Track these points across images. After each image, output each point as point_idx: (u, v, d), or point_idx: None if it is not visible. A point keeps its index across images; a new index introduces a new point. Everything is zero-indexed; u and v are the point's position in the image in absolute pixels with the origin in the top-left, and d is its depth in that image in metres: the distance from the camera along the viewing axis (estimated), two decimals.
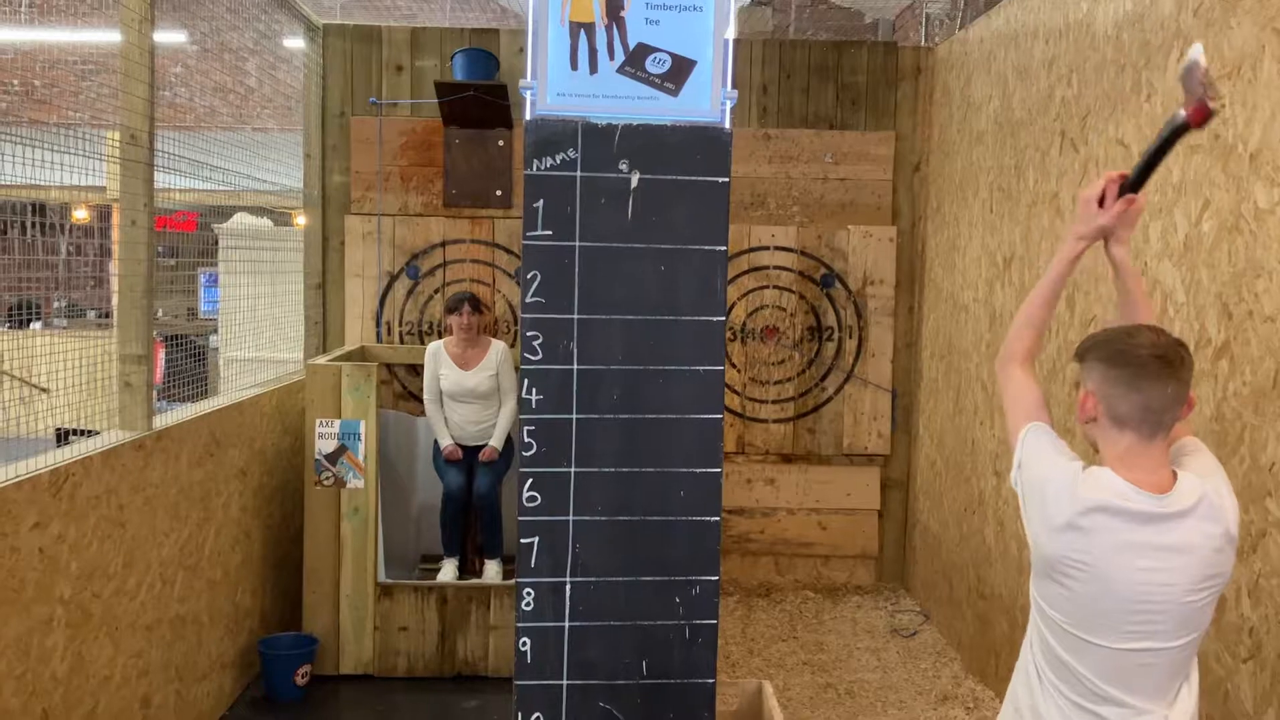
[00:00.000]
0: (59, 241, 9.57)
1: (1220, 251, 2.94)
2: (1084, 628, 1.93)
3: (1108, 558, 1.88)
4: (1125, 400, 1.91)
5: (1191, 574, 1.89)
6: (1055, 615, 1.97)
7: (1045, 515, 1.95)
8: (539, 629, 2.50)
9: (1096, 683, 1.93)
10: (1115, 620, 1.90)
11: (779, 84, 5.98)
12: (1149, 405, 1.90)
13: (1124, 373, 1.91)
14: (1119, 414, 1.93)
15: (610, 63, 2.44)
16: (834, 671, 4.91)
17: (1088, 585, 1.90)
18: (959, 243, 5.33)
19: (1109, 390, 1.93)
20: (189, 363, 4.74)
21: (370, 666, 4.73)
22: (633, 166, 2.50)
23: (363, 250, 5.83)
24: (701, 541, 2.55)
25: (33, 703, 2.87)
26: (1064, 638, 1.96)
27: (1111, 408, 1.93)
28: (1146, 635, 1.90)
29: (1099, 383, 1.95)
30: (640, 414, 2.53)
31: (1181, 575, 1.88)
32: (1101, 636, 1.91)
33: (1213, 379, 2.95)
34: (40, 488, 2.90)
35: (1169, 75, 3.25)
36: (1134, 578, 1.88)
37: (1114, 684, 1.92)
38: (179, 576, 3.81)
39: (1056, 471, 1.97)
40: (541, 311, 2.51)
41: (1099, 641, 1.92)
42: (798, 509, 6.11)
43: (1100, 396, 1.95)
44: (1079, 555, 1.90)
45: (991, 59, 4.93)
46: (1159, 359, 1.90)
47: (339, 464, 4.67)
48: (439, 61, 5.81)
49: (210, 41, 5.73)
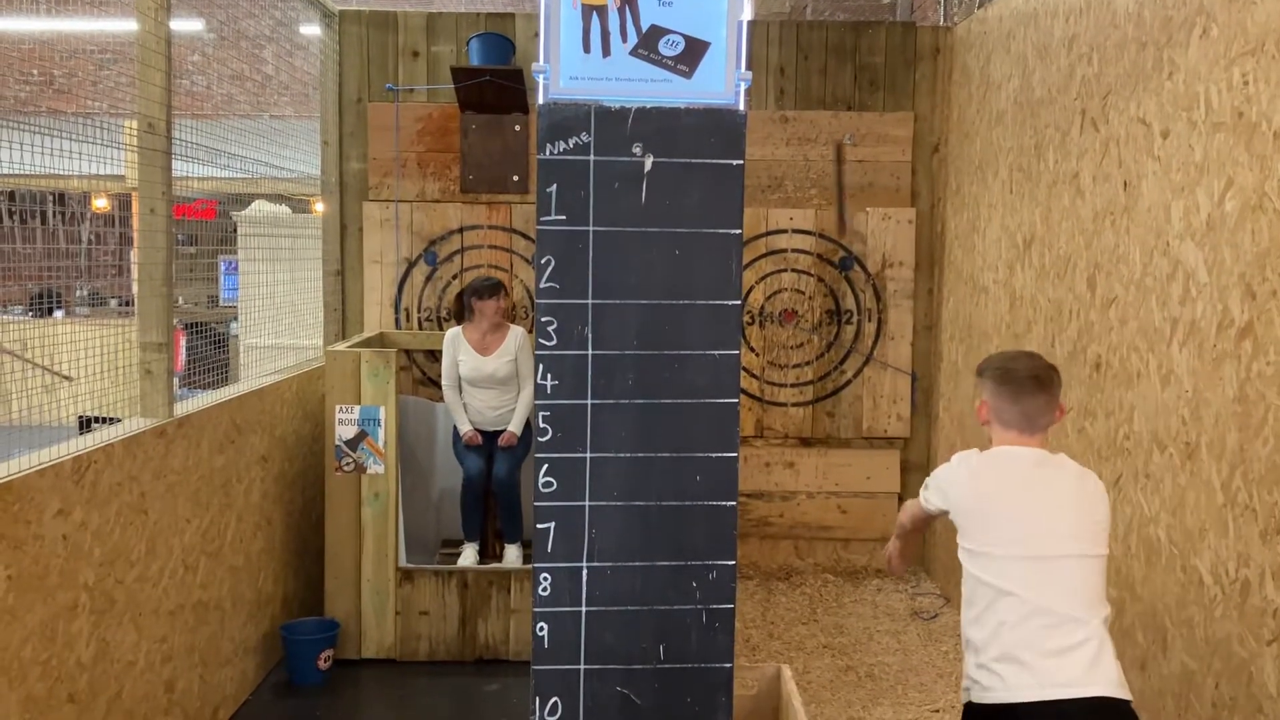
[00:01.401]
0: (80, 230, 9.63)
1: (1244, 231, 2.91)
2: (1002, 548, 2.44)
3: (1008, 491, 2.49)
4: (1009, 410, 2.53)
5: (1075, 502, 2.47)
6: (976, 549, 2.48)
7: (954, 481, 2.59)
8: (556, 614, 2.50)
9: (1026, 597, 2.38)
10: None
11: (796, 65, 5.94)
12: (1025, 412, 2.51)
13: (1007, 389, 2.52)
14: (1004, 419, 2.54)
15: (623, 45, 2.42)
16: (854, 654, 4.91)
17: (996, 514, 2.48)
18: (979, 224, 5.30)
19: (997, 402, 2.55)
20: (210, 350, 4.76)
21: (392, 651, 4.76)
22: (646, 150, 2.48)
23: (381, 237, 5.84)
24: (718, 526, 2.54)
25: (59, 688, 2.90)
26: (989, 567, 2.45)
27: (999, 414, 2.55)
28: None
29: (990, 395, 2.57)
30: (655, 399, 2.52)
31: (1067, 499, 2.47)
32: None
33: (1236, 360, 2.92)
34: (63, 475, 2.92)
35: (1191, 53, 3.21)
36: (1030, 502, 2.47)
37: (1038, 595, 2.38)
38: (201, 563, 3.84)
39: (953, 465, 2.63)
40: (556, 297, 2.50)
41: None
42: (817, 492, 6.10)
43: (991, 406, 2.57)
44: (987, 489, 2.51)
45: (1011, 38, 4.88)
46: (1034, 379, 2.52)
47: (359, 450, 4.69)
48: (455, 47, 5.80)
49: (227, 29, 5.74)
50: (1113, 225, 3.73)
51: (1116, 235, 3.70)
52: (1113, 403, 3.68)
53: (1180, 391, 3.21)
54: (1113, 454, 3.66)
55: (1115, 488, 3.63)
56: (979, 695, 2.40)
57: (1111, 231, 3.74)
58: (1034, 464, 2.50)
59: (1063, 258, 4.16)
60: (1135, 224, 3.56)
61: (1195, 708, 3.07)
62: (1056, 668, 2.32)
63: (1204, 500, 3.07)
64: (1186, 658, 3.13)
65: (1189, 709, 3.10)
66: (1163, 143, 3.38)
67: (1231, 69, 2.98)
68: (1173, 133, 3.32)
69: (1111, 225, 3.74)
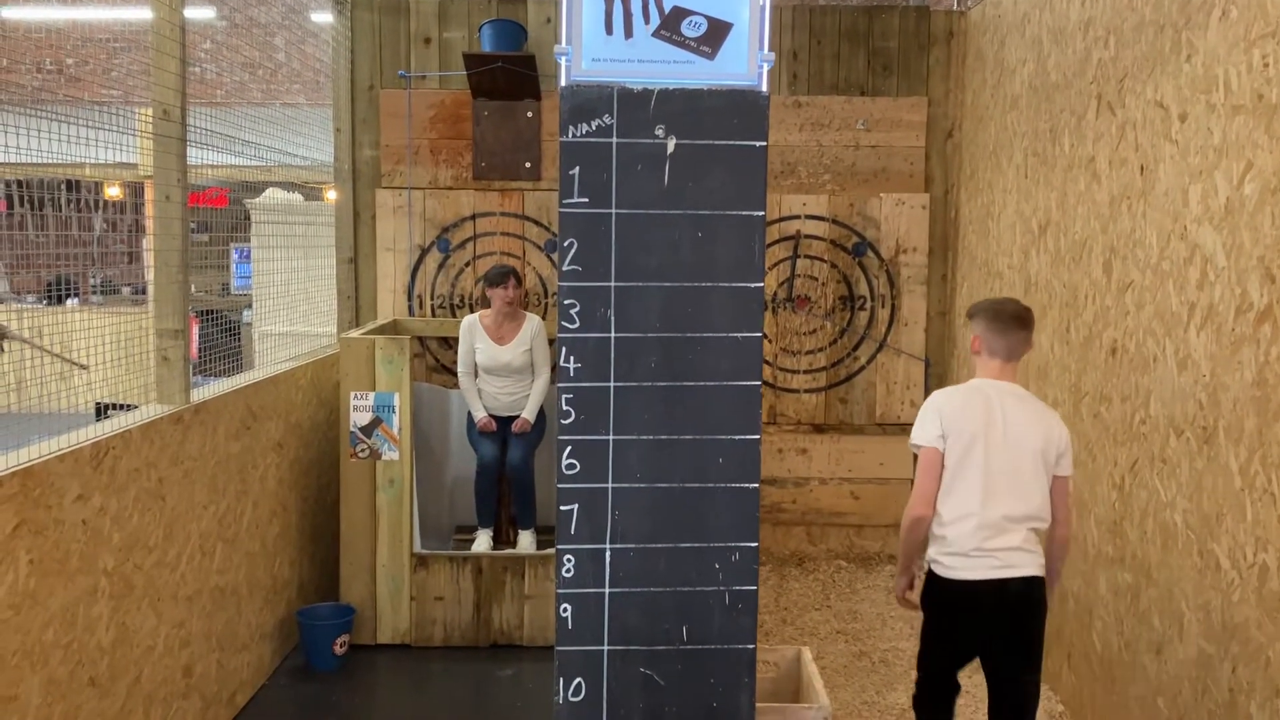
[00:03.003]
0: (94, 219, 9.65)
1: (1263, 215, 2.89)
2: None
3: None
4: (997, 341, 3.15)
5: None
6: None
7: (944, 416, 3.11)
8: (580, 595, 2.51)
9: None
10: None
11: (809, 50, 5.91)
12: (1010, 345, 3.15)
13: (998, 324, 3.15)
14: (993, 348, 3.16)
15: (645, 27, 2.41)
16: (868, 640, 4.92)
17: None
18: (993, 209, 5.28)
19: (988, 335, 3.16)
20: (223, 338, 4.78)
21: (407, 636, 4.79)
22: (669, 132, 2.47)
23: (393, 224, 5.84)
24: (740, 508, 2.55)
25: (80, 671, 2.93)
26: None
27: (988, 345, 3.16)
28: None
29: (983, 330, 3.17)
30: (678, 381, 2.52)
31: None
32: None
33: (1254, 344, 2.91)
34: (82, 461, 2.94)
35: (1210, 35, 3.19)
36: None
37: None
38: (218, 548, 3.86)
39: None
40: (578, 279, 2.50)
41: None
42: (830, 479, 6.10)
43: (983, 339, 3.17)
44: None
45: (1026, 22, 4.85)
46: (1018, 317, 3.16)
47: (374, 436, 4.71)
48: (467, 33, 5.79)
49: (239, 16, 5.74)
50: (1129, 209, 3.71)
51: (1133, 219, 3.68)
52: (1129, 387, 3.67)
53: (1197, 376, 3.20)
54: (1129, 439, 3.65)
55: (1131, 472, 3.62)
56: None
57: (1128, 216, 3.72)
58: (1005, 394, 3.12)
59: (1078, 242, 4.15)
60: (1152, 208, 3.54)
61: (1212, 692, 3.07)
62: None
63: (1221, 484, 3.06)
64: (1204, 642, 3.12)
65: (1206, 693, 3.10)
66: (1180, 126, 3.36)
67: (1251, 51, 2.96)
68: (1191, 116, 3.30)
69: (1128, 209, 3.72)
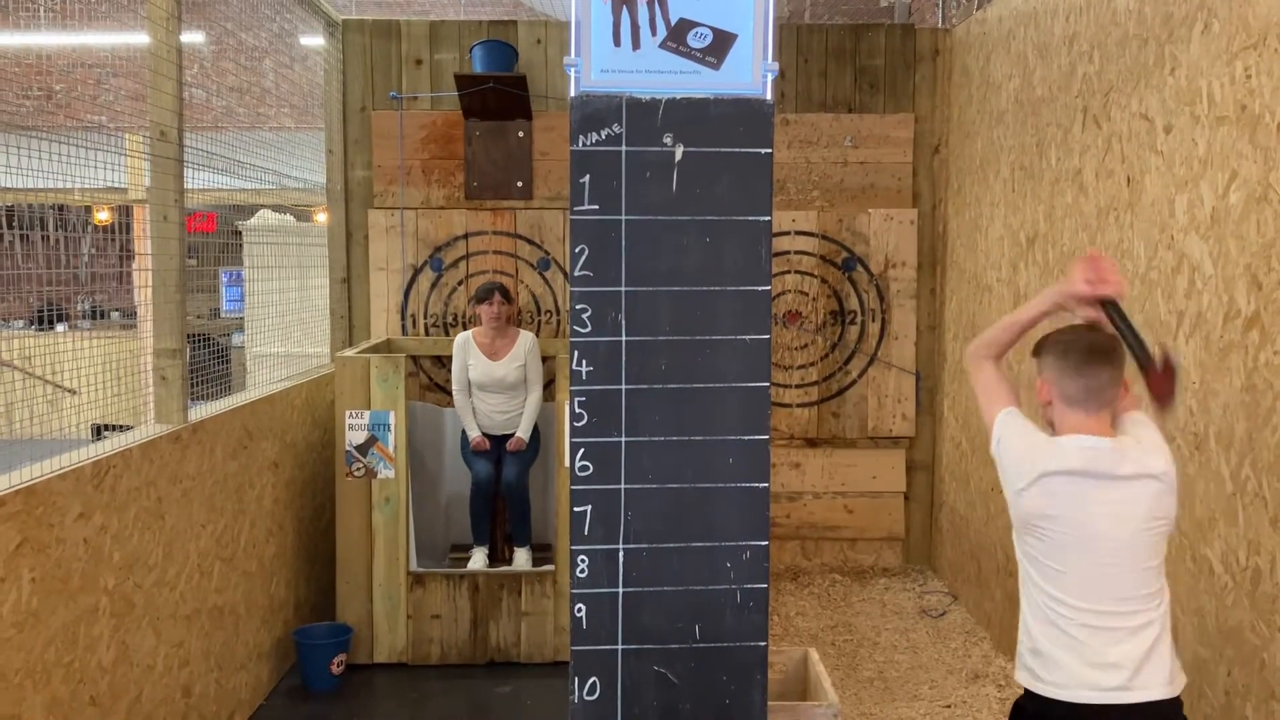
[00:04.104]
0: (82, 243, 9.64)
1: (1249, 223, 2.94)
2: (1058, 560, 2.34)
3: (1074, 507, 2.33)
4: (1073, 384, 2.38)
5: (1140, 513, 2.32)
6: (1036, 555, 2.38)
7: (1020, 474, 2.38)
8: (594, 595, 2.53)
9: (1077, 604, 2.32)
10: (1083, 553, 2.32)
11: (796, 69, 5.98)
12: (1090, 387, 2.37)
13: (1070, 361, 2.38)
14: (1068, 395, 2.39)
15: (653, 38, 2.47)
16: (864, 653, 4.93)
17: (1061, 528, 2.34)
18: (981, 223, 5.34)
19: (1059, 377, 2.40)
20: (212, 361, 4.79)
21: (404, 655, 4.78)
22: (676, 140, 2.52)
23: (386, 244, 5.87)
24: (751, 508, 2.59)
25: (81, 690, 2.92)
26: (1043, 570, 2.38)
27: (1062, 390, 2.40)
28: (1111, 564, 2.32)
29: (1052, 370, 2.42)
30: (688, 384, 2.56)
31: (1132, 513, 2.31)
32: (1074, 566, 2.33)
33: (1243, 350, 2.95)
34: (83, 479, 2.95)
35: (1193, 48, 3.25)
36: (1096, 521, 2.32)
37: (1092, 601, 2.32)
38: (216, 568, 3.86)
39: (1028, 440, 2.41)
40: (589, 285, 2.54)
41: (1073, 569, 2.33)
42: (823, 492, 6.13)
43: (1053, 382, 2.41)
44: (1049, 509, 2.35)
45: (1011, 38, 4.92)
46: (1098, 350, 2.38)
47: (369, 455, 4.72)
48: (458, 54, 5.84)
49: (230, 40, 5.77)
50: (1116, 221, 3.77)
51: (1120, 230, 3.74)
52: None
53: (1187, 383, 3.24)
54: None
55: None
56: None
57: (1115, 227, 3.78)
58: (1097, 479, 2.35)
59: (1067, 254, 4.20)
60: (1139, 219, 3.59)
61: (1209, 696, 3.10)
62: None
63: (1213, 490, 3.10)
64: (1199, 647, 3.16)
65: (1202, 697, 3.13)
66: (1165, 138, 3.42)
67: (1234, 63, 3.02)
68: (1175, 127, 3.36)
69: (1115, 221, 3.78)
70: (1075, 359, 2.38)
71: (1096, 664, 2.28)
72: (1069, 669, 2.30)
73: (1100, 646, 2.29)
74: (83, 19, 9.74)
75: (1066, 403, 2.40)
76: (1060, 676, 2.31)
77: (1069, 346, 2.40)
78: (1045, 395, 2.44)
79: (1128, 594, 2.30)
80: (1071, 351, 2.39)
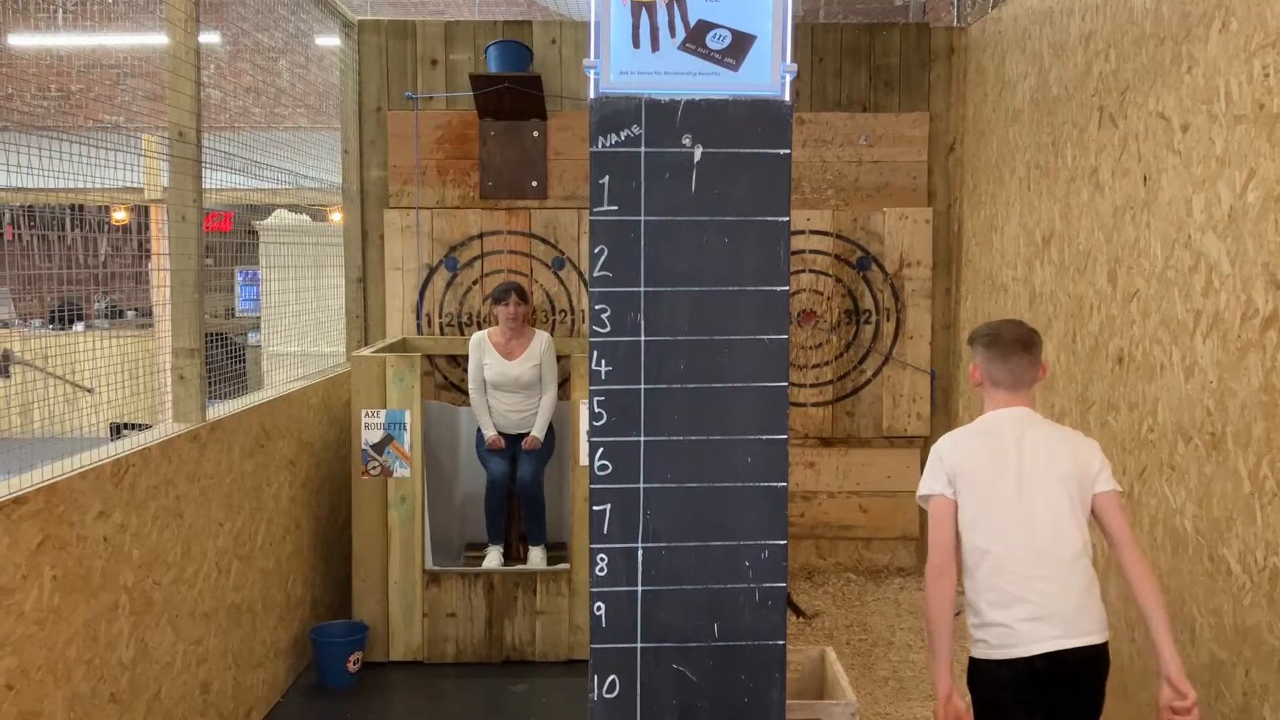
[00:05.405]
0: (100, 242, 9.70)
1: (1267, 222, 2.93)
2: None
3: None
4: (999, 369, 2.80)
5: None
6: None
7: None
8: (613, 593, 2.55)
9: None
10: None
11: (811, 68, 5.98)
12: (1013, 371, 2.79)
13: (996, 350, 2.80)
14: (995, 378, 2.81)
15: (672, 40, 2.49)
16: (879, 653, 4.93)
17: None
18: (996, 222, 5.32)
19: (988, 364, 2.82)
20: (228, 360, 4.82)
21: (420, 653, 4.80)
22: (695, 141, 2.54)
23: (402, 244, 5.89)
24: (769, 507, 2.60)
25: (101, 687, 2.95)
26: None
27: (990, 374, 2.82)
28: None
29: (982, 358, 2.83)
30: (707, 383, 2.58)
31: None
32: None
33: (1261, 349, 2.94)
34: (103, 478, 2.97)
35: (1211, 46, 3.24)
36: None
37: None
38: (233, 566, 3.89)
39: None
40: (609, 285, 2.56)
41: None
42: (838, 492, 6.12)
43: (983, 367, 2.83)
44: None
45: (1027, 37, 4.91)
46: (1018, 341, 2.80)
47: (385, 453, 4.74)
48: (473, 54, 5.85)
49: (248, 40, 5.80)
50: (1133, 219, 3.75)
51: (1137, 229, 3.73)
52: (1136, 395, 3.70)
53: (1204, 382, 3.23)
54: (1136, 446, 3.69)
55: (1140, 480, 3.65)
56: None
57: (1132, 226, 3.77)
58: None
59: (1083, 253, 4.19)
60: (1156, 218, 3.58)
61: (1226, 696, 3.09)
62: None
63: (1231, 489, 3.09)
64: (1216, 647, 3.15)
65: (1220, 698, 3.12)
66: (1182, 136, 3.41)
67: (1252, 61, 3.01)
68: (1193, 126, 3.35)
69: (1132, 220, 3.76)
70: (1001, 348, 2.80)
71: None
72: None
73: None
74: (100, 20, 9.81)
75: (994, 384, 2.82)
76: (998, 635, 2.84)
77: (995, 338, 2.82)
78: (977, 377, 2.87)
79: None
80: (997, 342, 2.81)
